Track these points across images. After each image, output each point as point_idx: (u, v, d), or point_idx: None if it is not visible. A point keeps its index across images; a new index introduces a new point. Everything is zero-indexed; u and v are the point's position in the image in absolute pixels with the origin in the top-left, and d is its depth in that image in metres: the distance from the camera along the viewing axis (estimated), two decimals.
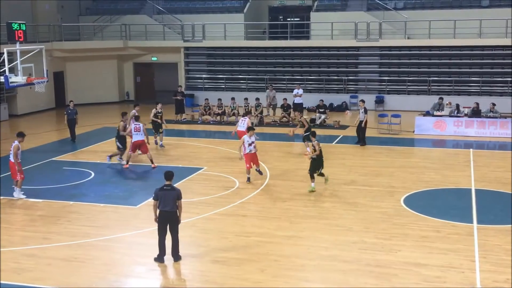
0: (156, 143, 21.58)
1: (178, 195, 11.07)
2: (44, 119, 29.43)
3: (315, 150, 15.90)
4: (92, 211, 14.45)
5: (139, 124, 18.64)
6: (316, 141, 16.00)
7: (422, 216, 13.73)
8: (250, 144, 16.80)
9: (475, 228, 12.89)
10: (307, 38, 33.22)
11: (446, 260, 11.19)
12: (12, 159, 15.28)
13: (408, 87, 30.71)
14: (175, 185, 11.53)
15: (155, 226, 12.74)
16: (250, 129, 17.31)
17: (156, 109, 21.72)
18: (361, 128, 21.67)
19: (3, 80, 17.36)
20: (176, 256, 11.29)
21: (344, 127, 25.58)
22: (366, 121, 21.64)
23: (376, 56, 31.70)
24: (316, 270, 10.90)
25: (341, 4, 34.20)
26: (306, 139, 19.58)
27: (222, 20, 33.72)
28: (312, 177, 15.86)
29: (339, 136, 23.64)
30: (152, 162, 18.46)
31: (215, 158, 19.77)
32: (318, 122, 26.13)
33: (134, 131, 18.47)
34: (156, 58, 34.62)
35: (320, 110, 26.47)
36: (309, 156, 16.30)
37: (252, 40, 33.59)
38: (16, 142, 15.33)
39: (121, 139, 19.18)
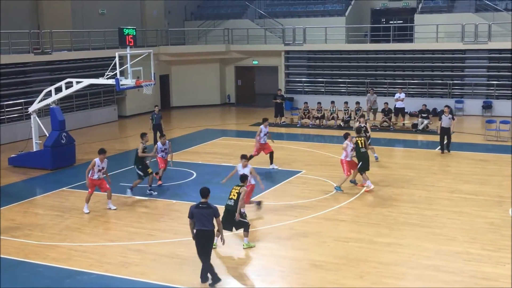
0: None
1: (215, 213, 10.29)
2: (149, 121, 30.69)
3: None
4: None
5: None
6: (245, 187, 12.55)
7: None
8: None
9: None
10: (411, 41, 32.35)
11: None
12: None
13: None
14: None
15: (253, 228, 12.95)
16: (242, 157, 14.05)
17: (360, 122, 20.14)
18: (449, 135, 20.65)
19: (114, 83, 18.32)
20: (214, 277, 10.41)
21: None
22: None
23: (484, 60, 30.27)
24: (417, 279, 10.59)
25: (447, 5, 33.03)
26: (361, 170, 16.42)
27: (323, 24, 33.62)
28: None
29: None
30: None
31: (314, 161, 19.71)
32: (420, 127, 25.39)
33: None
34: (257, 62, 35.11)
35: (423, 115, 25.69)
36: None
37: (353, 44, 33.23)
38: (96, 159, 14.86)
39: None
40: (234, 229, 12.33)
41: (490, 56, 30.07)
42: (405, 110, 27.24)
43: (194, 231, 10.36)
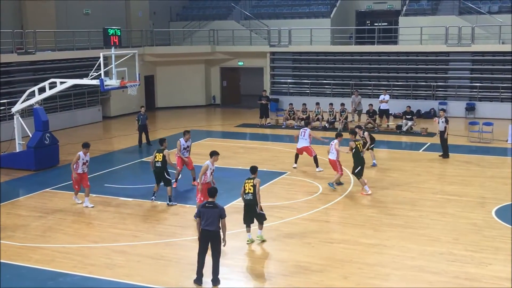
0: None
1: (221, 213, 10.21)
2: (135, 121, 30.56)
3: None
4: (178, 212, 14.84)
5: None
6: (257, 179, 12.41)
7: None
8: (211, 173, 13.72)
9: None
10: (395, 43, 32.58)
11: None
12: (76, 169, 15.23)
13: (502, 94, 29.40)
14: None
15: (238, 229, 12.94)
16: (214, 153, 13.63)
17: (358, 135, 19.51)
18: (444, 139, 20.56)
19: (99, 83, 18.21)
20: (216, 281, 10.44)
21: (432, 134, 24.76)
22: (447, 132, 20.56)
23: (468, 62, 30.55)
24: (401, 280, 10.65)
25: (431, 8, 33.29)
26: (359, 175, 16.28)
27: (309, 25, 33.71)
28: (248, 226, 12.56)
29: (427, 143, 23.00)
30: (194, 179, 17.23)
31: (299, 163, 19.70)
32: (404, 129, 25.56)
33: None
34: (242, 63, 35.09)
35: (407, 116, 25.88)
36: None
37: (338, 45, 33.36)
38: (80, 152, 15.11)
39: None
40: (255, 221, 12.44)
41: (473, 59, 30.34)
42: (390, 112, 27.41)
43: (200, 230, 10.37)
